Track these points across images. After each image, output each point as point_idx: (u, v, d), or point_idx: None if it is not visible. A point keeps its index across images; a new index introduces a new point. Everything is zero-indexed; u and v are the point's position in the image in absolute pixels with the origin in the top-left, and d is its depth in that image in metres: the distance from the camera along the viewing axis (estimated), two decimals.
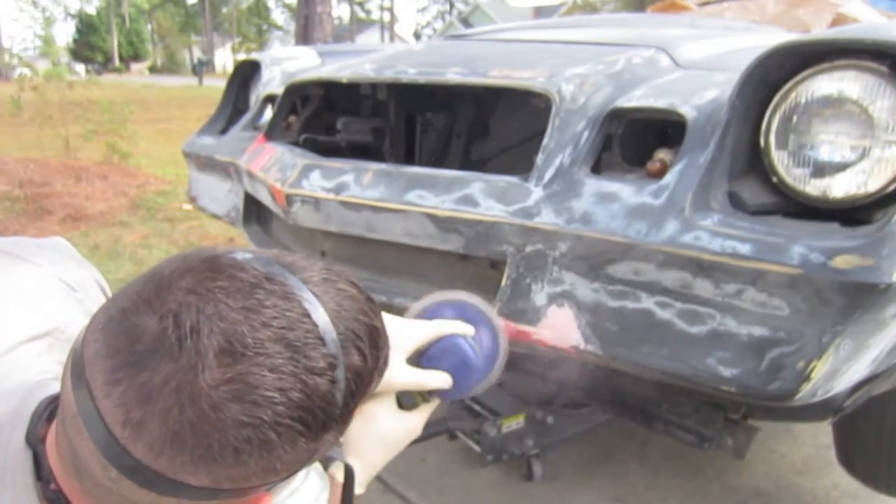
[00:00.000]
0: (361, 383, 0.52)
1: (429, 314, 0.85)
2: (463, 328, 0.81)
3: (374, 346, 0.53)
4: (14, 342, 0.62)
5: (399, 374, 0.76)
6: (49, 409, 0.56)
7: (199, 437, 0.44)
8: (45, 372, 0.61)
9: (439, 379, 0.78)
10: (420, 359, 0.79)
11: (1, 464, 0.54)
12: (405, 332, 0.78)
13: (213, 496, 0.48)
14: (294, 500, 0.68)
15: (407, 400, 0.81)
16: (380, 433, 0.78)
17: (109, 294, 0.78)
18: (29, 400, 0.57)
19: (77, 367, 0.47)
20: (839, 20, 2.15)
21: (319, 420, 0.48)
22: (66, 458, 0.51)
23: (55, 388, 0.59)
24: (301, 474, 0.63)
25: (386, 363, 0.56)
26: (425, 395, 0.81)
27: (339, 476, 0.77)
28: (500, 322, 0.85)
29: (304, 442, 0.48)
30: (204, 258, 0.49)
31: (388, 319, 0.80)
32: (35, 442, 0.54)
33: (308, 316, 0.48)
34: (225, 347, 0.44)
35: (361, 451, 0.78)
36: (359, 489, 0.77)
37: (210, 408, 0.44)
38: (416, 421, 0.80)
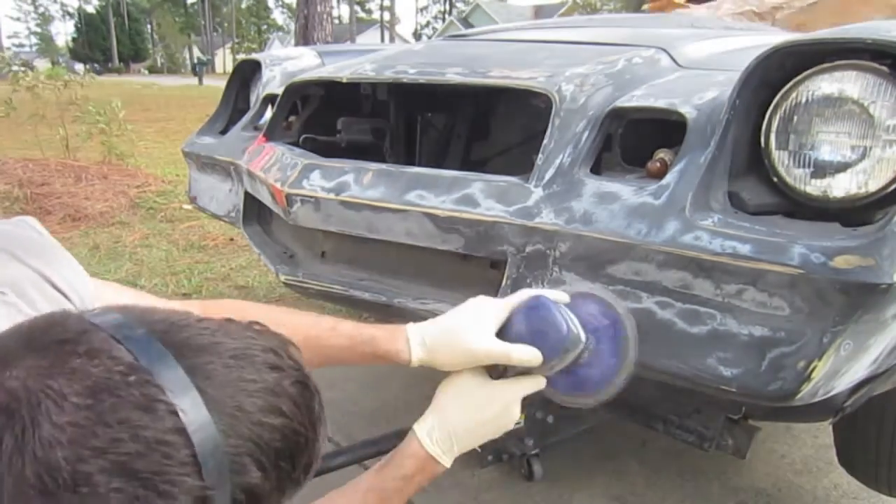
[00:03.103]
0: None
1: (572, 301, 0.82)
2: (555, 295, 0.79)
3: (285, 456, 0.41)
4: None
5: (482, 345, 0.74)
6: None
7: None
8: None
9: (525, 352, 0.74)
10: (508, 325, 0.77)
11: None
12: (496, 305, 0.77)
13: None
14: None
15: (495, 372, 0.79)
16: (471, 405, 0.75)
17: (67, 290, 0.64)
18: None
19: None
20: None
21: None
22: None
23: None
24: None
25: (308, 471, 0.45)
26: (519, 369, 0.77)
27: (428, 444, 0.74)
28: (631, 324, 0.81)
29: None
30: (53, 339, 0.38)
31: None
32: None
33: (181, 432, 0.36)
34: (39, 487, 0.34)
35: (453, 423, 0.75)
36: (447, 462, 0.75)
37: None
38: (509, 395, 0.76)
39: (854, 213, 0.93)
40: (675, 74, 1.30)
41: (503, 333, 0.78)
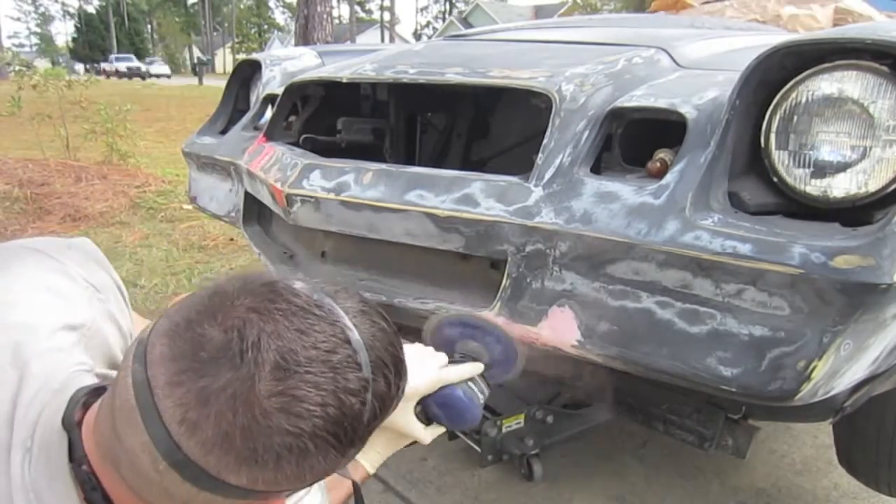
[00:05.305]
0: (384, 407, 0.56)
1: (441, 339, 0.92)
2: (466, 371, 0.89)
3: (398, 375, 0.58)
4: (55, 326, 0.66)
5: (408, 429, 0.87)
6: (84, 398, 0.60)
7: (247, 440, 0.48)
8: (81, 364, 0.65)
9: (435, 433, 0.88)
10: (427, 404, 0.86)
11: (38, 439, 0.57)
12: (413, 382, 0.86)
13: (245, 496, 0.52)
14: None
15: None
16: (395, 444, 0.90)
17: (126, 298, 0.82)
18: (68, 385, 0.61)
19: (140, 365, 0.51)
20: (839, 16, 2.15)
21: (349, 436, 0.52)
22: (104, 445, 0.55)
23: (89, 379, 0.64)
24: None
25: (403, 392, 0.61)
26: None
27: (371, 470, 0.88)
28: (516, 340, 0.90)
29: (334, 455, 0.52)
30: (264, 282, 0.54)
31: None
32: (70, 426, 0.58)
33: (349, 342, 0.53)
34: (280, 363, 0.49)
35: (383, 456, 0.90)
36: (371, 470, 0.89)
37: (261, 415, 0.48)
38: (416, 435, 0.89)
39: (854, 213, 0.93)
40: (675, 74, 1.30)
41: (422, 406, 0.87)
